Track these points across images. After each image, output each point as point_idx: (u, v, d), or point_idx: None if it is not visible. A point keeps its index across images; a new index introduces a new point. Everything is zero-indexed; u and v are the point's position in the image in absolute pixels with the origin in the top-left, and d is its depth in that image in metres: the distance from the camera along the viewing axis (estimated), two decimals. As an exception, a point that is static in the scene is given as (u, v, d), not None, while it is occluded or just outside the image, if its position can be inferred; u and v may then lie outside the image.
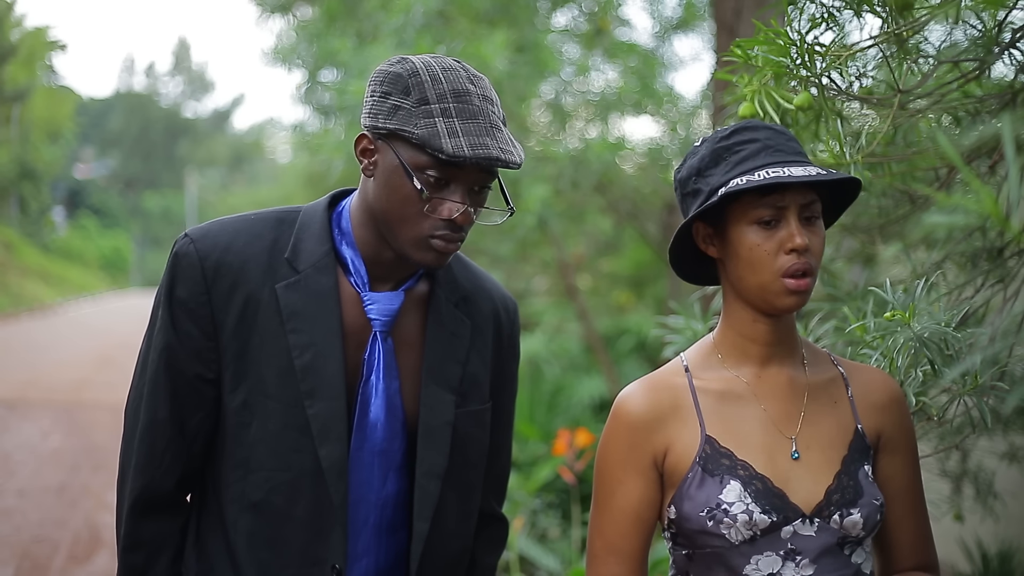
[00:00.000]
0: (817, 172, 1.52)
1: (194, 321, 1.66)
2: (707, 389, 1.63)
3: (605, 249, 9.03)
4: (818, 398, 1.64)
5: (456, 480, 1.75)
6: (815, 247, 1.56)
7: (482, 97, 1.60)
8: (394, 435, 1.70)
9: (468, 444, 1.76)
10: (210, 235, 1.69)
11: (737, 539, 1.54)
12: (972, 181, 0.99)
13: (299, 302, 1.65)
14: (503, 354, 1.85)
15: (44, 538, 5.57)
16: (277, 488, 1.65)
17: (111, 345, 15.09)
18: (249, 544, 1.67)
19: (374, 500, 1.70)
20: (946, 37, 2.15)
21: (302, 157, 13.16)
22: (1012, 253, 2.21)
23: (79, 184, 40.75)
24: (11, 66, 26.19)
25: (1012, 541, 3.36)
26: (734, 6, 3.56)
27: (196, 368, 1.67)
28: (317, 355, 1.64)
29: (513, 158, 1.58)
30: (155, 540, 1.71)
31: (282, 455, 1.64)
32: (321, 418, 1.64)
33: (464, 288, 1.80)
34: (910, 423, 1.69)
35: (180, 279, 1.67)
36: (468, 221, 1.61)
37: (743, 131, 1.60)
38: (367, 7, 6.92)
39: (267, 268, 1.67)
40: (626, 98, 6.62)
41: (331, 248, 1.69)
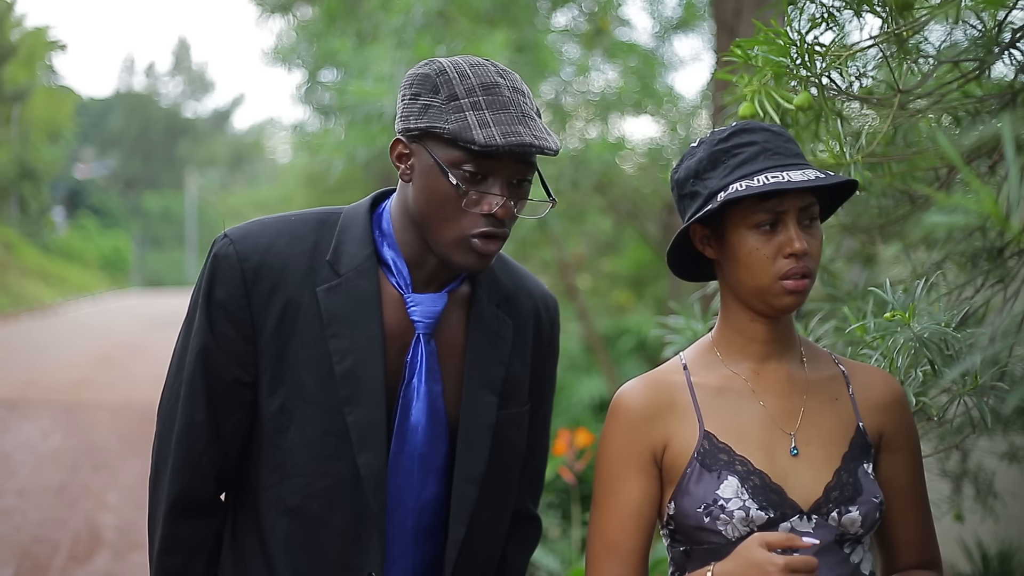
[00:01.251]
0: (815, 175, 1.52)
1: (233, 324, 1.64)
2: (705, 385, 1.64)
3: (605, 249, 9.03)
4: (818, 395, 1.64)
5: (492, 483, 1.72)
6: (813, 249, 1.56)
7: (512, 88, 1.58)
8: (436, 439, 1.68)
9: (506, 447, 1.74)
10: (251, 236, 1.66)
11: (734, 536, 1.55)
12: (972, 181, 0.99)
13: (340, 306, 1.63)
14: (542, 353, 1.83)
15: (44, 538, 5.57)
16: (315, 494, 1.64)
17: (111, 345, 15.09)
18: (285, 548, 1.66)
19: (412, 504, 1.68)
20: (946, 37, 2.15)
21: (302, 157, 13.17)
22: (1012, 253, 2.21)
23: (79, 184, 40.74)
24: (11, 66, 26.17)
25: (1012, 541, 3.36)
26: (734, 6, 3.56)
27: (233, 371, 1.65)
28: (358, 361, 1.62)
29: (548, 144, 1.56)
30: (192, 542, 1.69)
31: (320, 461, 1.63)
32: (360, 425, 1.62)
33: (506, 287, 1.77)
34: (912, 422, 1.69)
35: (219, 281, 1.65)
36: (509, 215, 1.58)
37: (741, 133, 1.60)
38: (367, 7, 6.92)
39: (308, 271, 1.64)
40: (626, 98, 6.62)
41: (373, 251, 1.67)
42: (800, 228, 1.56)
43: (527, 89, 1.63)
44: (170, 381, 1.71)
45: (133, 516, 6.04)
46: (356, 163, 5.94)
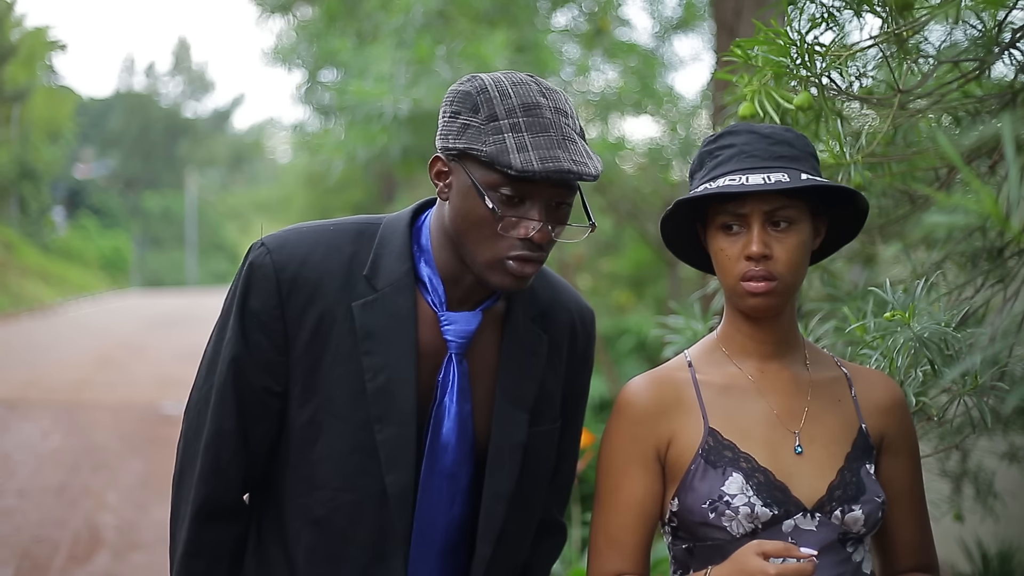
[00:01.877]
0: (780, 179, 1.53)
1: (266, 334, 1.63)
2: (710, 383, 1.65)
3: (605, 249, 9.02)
4: (821, 396, 1.65)
5: (521, 500, 1.71)
6: (780, 253, 1.56)
7: (554, 109, 1.55)
8: (464, 458, 1.67)
9: (536, 463, 1.73)
10: (288, 246, 1.64)
11: (738, 532, 1.55)
12: (972, 181, 0.99)
13: (376, 323, 1.61)
14: (576, 367, 1.80)
15: (44, 538, 5.57)
16: (341, 508, 1.63)
17: (111, 345, 15.08)
18: (309, 559, 1.66)
19: (442, 524, 1.67)
20: (946, 37, 2.16)
21: (302, 157, 13.18)
22: (1012, 253, 2.21)
23: (79, 184, 40.72)
24: (11, 66, 26.16)
25: (1012, 541, 3.36)
26: (734, 6, 3.56)
27: (264, 381, 1.64)
28: (391, 379, 1.60)
29: (588, 169, 1.52)
30: (216, 547, 1.69)
31: (348, 476, 1.62)
32: (390, 444, 1.61)
33: (543, 302, 1.74)
34: (912, 426, 1.70)
35: (254, 290, 1.63)
36: (546, 239, 1.54)
37: (727, 136, 1.62)
38: (367, 7, 6.93)
39: (344, 284, 1.62)
40: (626, 98, 6.62)
41: (411, 267, 1.64)
42: (768, 231, 1.56)
43: (571, 109, 1.59)
44: (199, 383, 1.70)
45: (133, 516, 6.04)
46: (356, 163, 5.95)
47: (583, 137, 1.59)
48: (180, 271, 42.13)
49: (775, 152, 1.58)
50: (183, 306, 23.99)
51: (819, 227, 1.65)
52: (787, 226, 1.57)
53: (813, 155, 1.62)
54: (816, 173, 1.60)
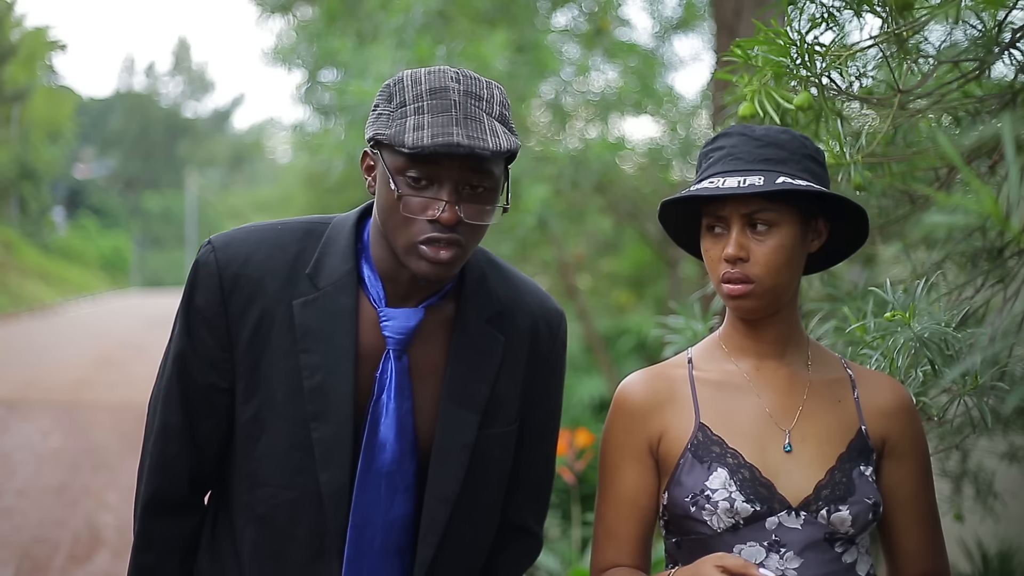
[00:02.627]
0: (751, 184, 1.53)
1: (210, 331, 1.65)
2: (706, 379, 1.67)
3: (605, 249, 9.03)
4: (819, 395, 1.65)
5: (470, 503, 1.70)
6: (758, 255, 1.57)
7: (463, 92, 1.54)
8: (403, 456, 1.66)
9: (488, 466, 1.71)
10: (232, 244, 1.66)
11: (719, 527, 1.56)
12: (972, 181, 0.99)
13: (315, 321, 1.62)
14: (540, 370, 1.77)
15: (44, 538, 5.57)
16: (281, 506, 1.64)
17: (111, 345, 15.08)
18: (253, 554, 1.67)
19: (380, 522, 1.66)
20: (946, 37, 2.16)
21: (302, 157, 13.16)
22: (1012, 253, 2.21)
23: (79, 184, 40.73)
24: (11, 66, 26.17)
25: (1012, 541, 3.36)
26: (734, 6, 3.56)
27: (210, 377, 1.66)
28: (327, 377, 1.61)
29: (481, 144, 1.49)
30: (166, 541, 1.72)
31: (288, 474, 1.63)
32: (326, 442, 1.61)
33: (501, 303, 1.72)
34: (919, 430, 1.69)
35: (199, 288, 1.66)
36: (453, 219, 1.52)
37: (721, 138, 1.64)
38: (367, 7, 6.92)
39: (286, 283, 1.64)
40: (626, 98, 6.62)
41: (354, 266, 1.65)
42: (748, 233, 1.57)
43: (493, 95, 1.58)
44: (155, 384, 1.73)
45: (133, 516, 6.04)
46: (356, 163, 5.93)
47: (504, 122, 1.57)
48: (180, 271, 42.08)
49: (761, 155, 1.58)
50: (183, 306, 23.94)
51: (818, 229, 1.64)
52: (766, 228, 1.57)
53: (809, 156, 1.61)
54: (812, 175, 1.59)
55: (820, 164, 1.63)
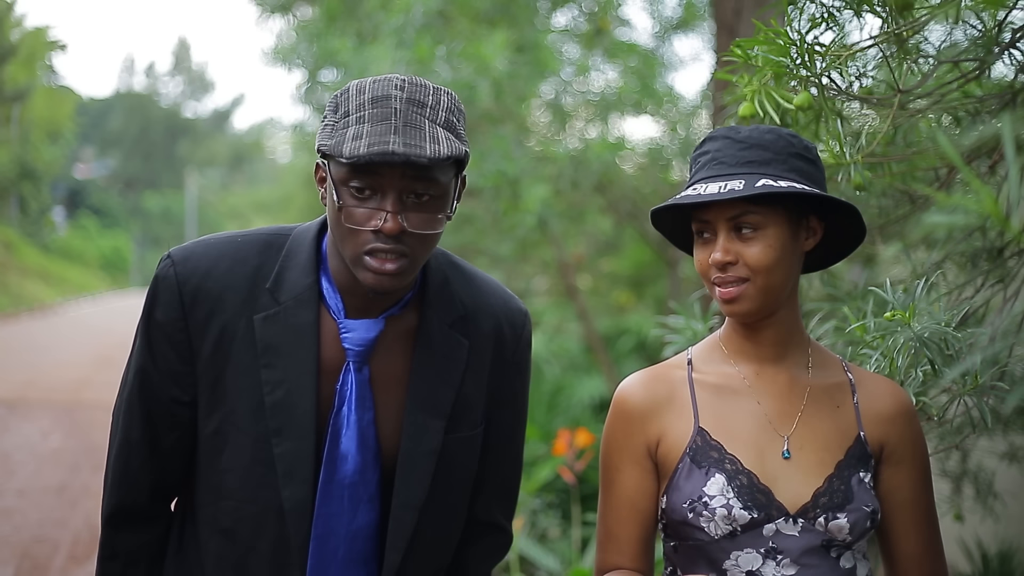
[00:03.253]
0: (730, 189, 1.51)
1: (171, 345, 1.64)
2: (705, 382, 1.66)
3: (605, 249, 9.03)
4: (818, 400, 1.64)
5: (436, 507, 1.70)
6: (749, 257, 1.56)
7: (406, 100, 1.51)
8: (365, 467, 1.65)
9: (454, 470, 1.70)
10: (192, 259, 1.64)
11: (717, 533, 1.56)
12: (972, 181, 0.99)
13: (276, 336, 1.61)
14: (505, 371, 1.76)
15: (44, 538, 5.57)
16: (244, 519, 1.64)
17: (111, 345, 15.09)
18: (217, 566, 1.67)
19: (344, 533, 1.65)
20: (946, 37, 2.15)
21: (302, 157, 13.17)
22: (1012, 253, 2.21)
23: (79, 184, 40.74)
24: (11, 66, 26.18)
25: (1012, 541, 3.36)
26: (734, 6, 3.56)
27: (171, 391, 1.65)
28: (289, 392, 1.60)
29: (416, 151, 1.46)
30: (130, 551, 1.72)
31: (250, 488, 1.62)
32: (287, 458, 1.60)
33: (463, 306, 1.71)
34: (918, 435, 1.68)
35: (159, 302, 1.64)
36: (396, 230, 1.49)
37: (707, 142, 1.63)
38: (367, 7, 6.93)
39: (247, 297, 1.62)
40: (626, 98, 6.62)
41: (315, 280, 1.63)
42: (735, 236, 1.56)
43: (443, 101, 1.55)
44: (118, 396, 1.73)
45: (133, 516, 6.04)
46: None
47: (451, 128, 1.54)
48: (180, 271, 42.07)
49: (743, 158, 1.57)
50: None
51: (811, 227, 1.62)
52: (752, 232, 1.56)
53: (796, 155, 1.58)
54: (800, 173, 1.57)
55: (810, 161, 1.60)
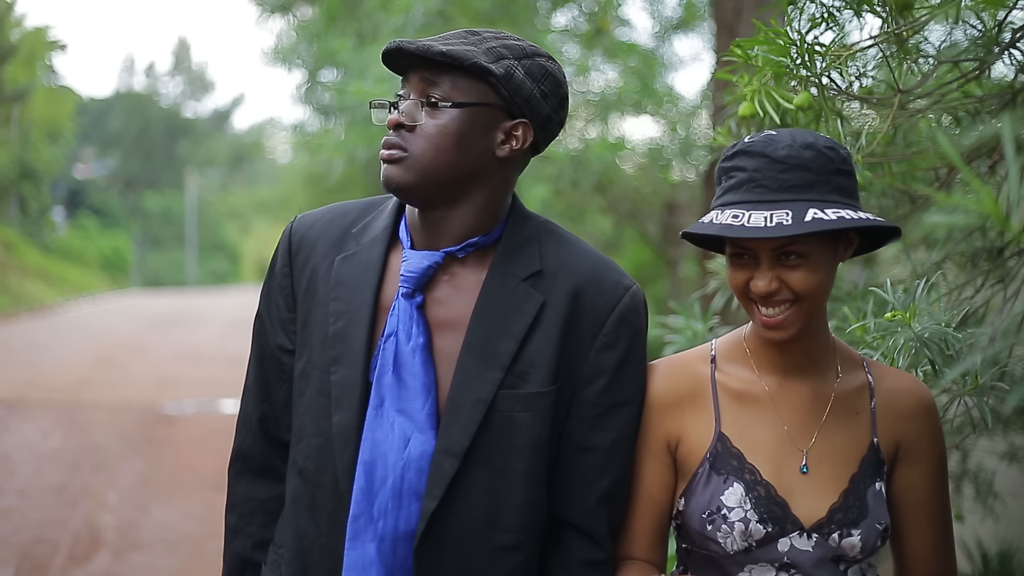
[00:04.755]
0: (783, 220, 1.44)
1: (281, 293, 1.75)
2: (727, 386, 1.63)
3: (605, 249, 9.03)
4: (839, 411, 1.61)
5: (491, 464, 1.62)
6: (794, 283, 1.50)
7: (467, 29, 1.66)
8: (413, 395, 1.63)
9: (513, 429, 1.62)
10: (308, 216, 1.78)
11: (732, 548, 1.55)
12: (972, 181, 0.99)
13: (347, 272, 1.69)
14: (587, 338, 1.65)
15: (44, 538, 5.57)
16: (312, 454, 1.67)
17: (111, 345, 15.08)
18: (294, 510, 1.69)
19: (393, 461, 1.61)
20: (946, 37, 2.15)
21: (302, 157, 13.18)
22: (1012, 253, 2.21)
23: (79, 184, 40.72)
24: (11, 66, 26.17)
25: (1012, 541, 3.36)
26: (734, 6, 3.56)
27: (278, 338, 1.75)
28: (349, 323, 1.66)
29: (422, 46, 1.57)
30: (246, 504, 1.79)
31: (317, 421, 1.66)
32: (340, 384, 1.64)
33: (545, 263, 1.67)
34: (936, 433, 1.65)
35: (277, 254, 1.77)
36: (392, 122, 1.60)
37: (740, 156, 1.53)
38: (367, 7, 6.93)
39: (336, 242, 1.72)
40: (626, 98, 6.63)
41: (392, 223, 1.71)
42: (778, 263, 1.50)
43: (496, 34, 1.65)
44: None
45: (133, 516, 6.04)
46: (356, 163, 5.95)
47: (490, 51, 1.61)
48: (180, 271, 42.13)
49: (785, 181, 1.48)
50: (183, 306, 24.00)
51: (849, 239, 1.56)
52: (798, 258, 1.50)
53: (836, 170, 1.51)
54: (842, 192, 1.50)
55: (848, 173, 1.53)
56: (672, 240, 7.39)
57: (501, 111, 1.62)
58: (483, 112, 1.60)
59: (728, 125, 2.22)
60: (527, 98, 1.61)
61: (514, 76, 1.60)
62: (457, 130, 1.59)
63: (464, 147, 1.60)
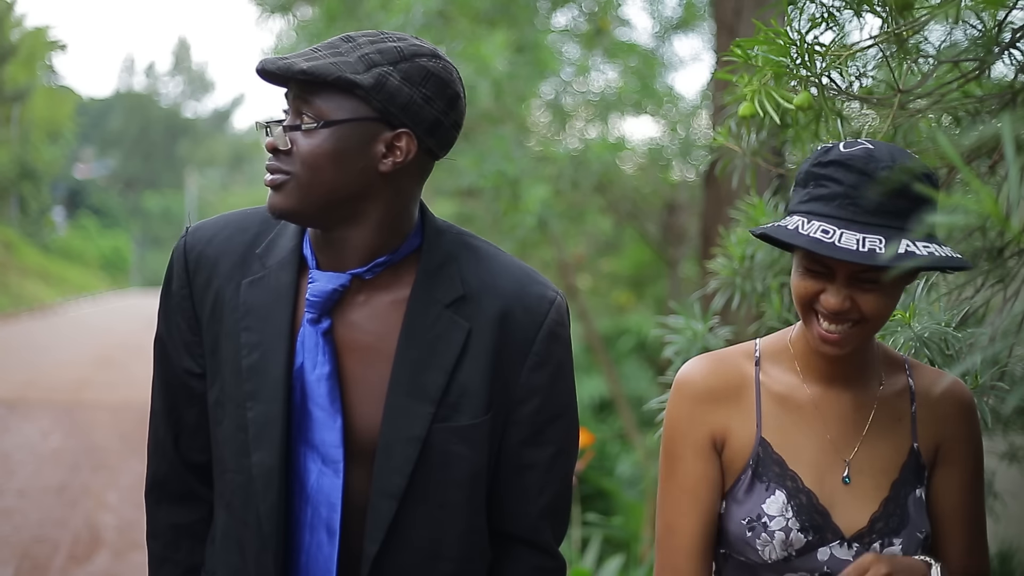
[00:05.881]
0: (874, 247, 1.39)
1: (181, 314, 1.65)
2: (771, 388, 1.59)
3: (605, 249, 9.04)
4: (882, 419, 1.58)
5: (429, 499, 1.58)
6: (865, 307, 1.46)
7: (343, 35, 1.55)
8: (321, 426, 1.57)
9: (449, 462, 1.58)
10: (201, 228, 1.67)
11: (771, 557, 1.53)
12: (972, 181, 0.99)
13: (257, 298, 1.59)
14: (519, 360, 1.61)
15: (44, 538, 5.57)
16: (236, 490, 1.61)
17: (111, 345, 15.09)
18: (224, 545, 1.65)
19: (307, 497, 1.59)
20: (946, 37, 2.15)
21: (302, 157, 13.15)
22: (1012, 253, 2.21)
23: (79, 184, 40.74)
24: (11, 66, 26.18)
25: (1012, 541, 3.37)
26: (734, 6, 3.56)
27: (184, 362, 1.66)
28: (263, 355, 1.57)
29: (287, 62, 1.48)
30: (168, 529, 1.72)
31: (237, 456, 1.60)
32: (257, 422, 1.57)
33: (464, 286, 1.60)
34: (974, 434, 1.61)
35: (172, 272, 1.67)
36: (270, 145, 1.51)
37: (836, 166, 1.46)
38: (367, 7, 6.92)
39: (240, 263, 1.62)
40: (626, 98, 6.63)
41: (299, 244, 1.61)
42: (853, 283, 1.46)
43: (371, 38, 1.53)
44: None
45: (133, 516, 6.04)
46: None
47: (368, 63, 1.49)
48: (180, 271, 42.04)
49: (884, 207, 1.43)
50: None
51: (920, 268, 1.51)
52: (874, 284, 1.45)
53: (928, 199, 1.44)
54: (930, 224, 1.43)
55: (933, 199, 1.45)
56: (672, 240, 7.39)
57: (378, 123, 1.50)
58: (356, 127, 1.49)
59: (728, 125, 2.22)
60: (404, 105, 1.49)
61: (387, 84, 1.49)
62: (331, 149, 1.49)
63: (341, 166, 1.49)
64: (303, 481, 1.59)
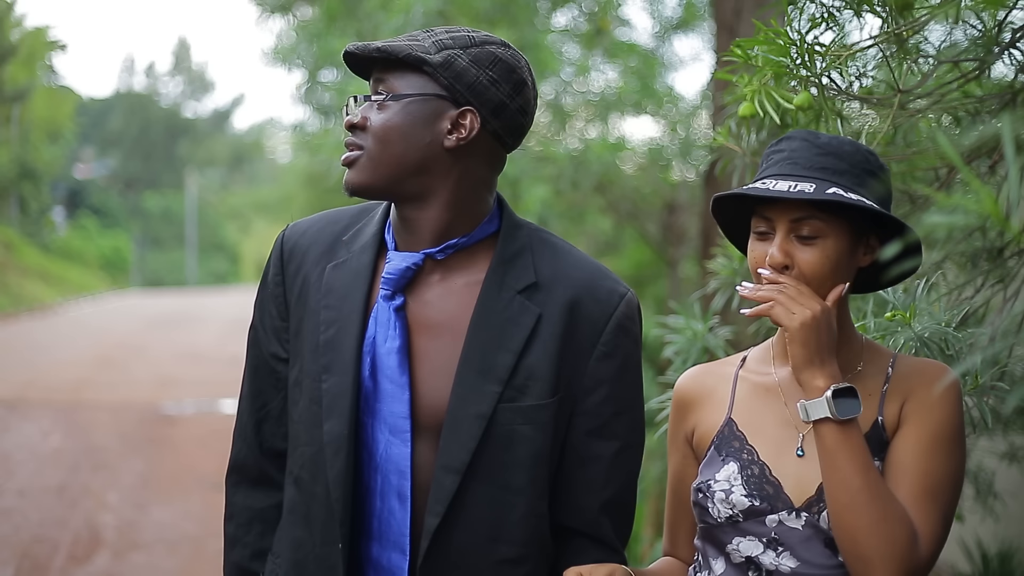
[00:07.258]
0: (800, 190, 1.50)
1: (274, 302, 1.75)
2: (748, 379, 1.70)
3: (605, 249, 9.04)
4: None
5: (492, 478, 1.61)
6: (801, 263, 1.53)
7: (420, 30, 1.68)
8: (390, 397, 1.63)
9: (513, 442, 1.62)
10: (300, 223, 1.79)
11: (719, 517, 1.60)
12: (972, 181, 0.99)
13: (337, 280, 1.69)
14: (586, 350, 1.65)
15: (44, 538, 5.57)
16: (306, 464, 1.66)
17: (111, 345, 15.09)
18: (290, 520, 1.70)
19: (375, 466, 1.63)
20: (946, 37, 2.16)
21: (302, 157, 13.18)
22: (1012, 253, 2.21)
23: (79, 184, 40.71)
24: (11, 66, 26.18)
25: (1012, 541, 3.37)
26: (734, 6, 3.56)
27: (272, 347, 1.75)
28: (339, 330, 1.66)
29: (365, 44, 1.63)
30: (243, 513, 1.79)
31: (310, 430, 1.66)
32: (331, 393, 1.64)
33: (540, 275, 1.66)
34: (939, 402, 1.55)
35: (269, 262, 1.78)
36: (348, 122, 1.64)
37: (784, 141, 1.62)
38: (367, 7, 6.93)
39: (327, 251, 1.72)
40: (626, 98, 6.64)
41: (380, 230, 1.71)
42: (793, 240, 1.55)
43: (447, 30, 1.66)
44: None
45: (133, 516, 6.04)
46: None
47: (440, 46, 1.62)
48: (180, 271, 42.11)
49: (818, 163, 1.55)
50: (183, 306, 23.99)
51: (870, 244, 1.59)
52: (812, 238, 1.54)
53: (870, 172, 1.56)
54: (870, 189, 1.54)
55: (883, 182, 1.58)
56: (672, 240, 7.40)
57: (445, 100, 1.61)
58: (424, 102, 1.61)
59: (728, 125, 2.22)
60: (471, 85, 1.60)
61: (454, 64, 1.60)
62: (400, 122, 1.61)
63: (409, 139, 1.60)
64: (372, 451, 1.65)
